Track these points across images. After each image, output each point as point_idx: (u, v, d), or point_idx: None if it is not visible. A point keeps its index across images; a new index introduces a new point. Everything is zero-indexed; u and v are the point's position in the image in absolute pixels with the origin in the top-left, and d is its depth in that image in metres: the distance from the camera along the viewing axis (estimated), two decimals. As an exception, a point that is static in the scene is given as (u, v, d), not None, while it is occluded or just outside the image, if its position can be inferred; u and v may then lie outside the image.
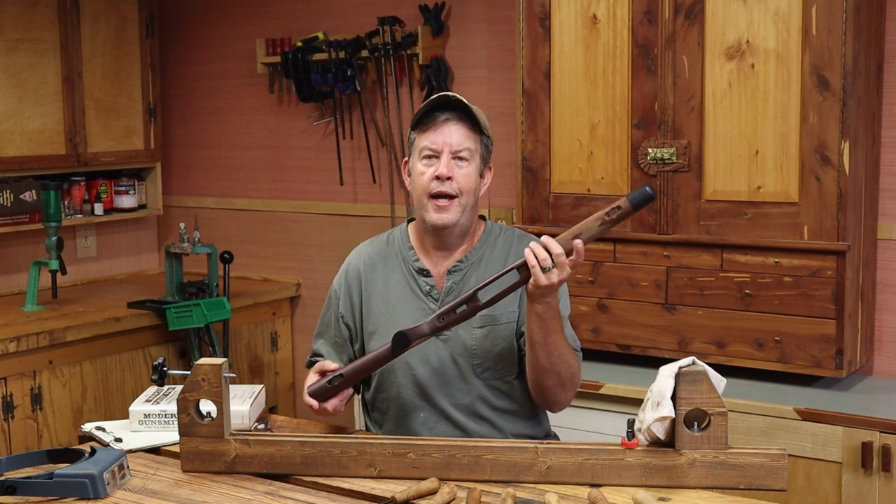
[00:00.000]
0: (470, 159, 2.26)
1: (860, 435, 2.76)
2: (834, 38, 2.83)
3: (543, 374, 2.21)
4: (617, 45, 3.16)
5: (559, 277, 2.05)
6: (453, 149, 2.24)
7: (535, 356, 2.19)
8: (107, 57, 4.32)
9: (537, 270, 2.04)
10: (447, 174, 2.22)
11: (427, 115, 2.26)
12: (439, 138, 2.24)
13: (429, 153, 2.25)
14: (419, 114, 2.28)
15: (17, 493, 1.94)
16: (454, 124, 2.25)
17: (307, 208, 4.46)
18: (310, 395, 2.22)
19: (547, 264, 2.04)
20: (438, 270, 2.34)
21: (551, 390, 2.24)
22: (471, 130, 2.27)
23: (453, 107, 2.26)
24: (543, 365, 2.19)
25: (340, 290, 2.41)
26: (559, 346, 2.18)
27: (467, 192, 2.26)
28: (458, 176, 2.24)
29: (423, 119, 2.27)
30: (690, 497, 1.93)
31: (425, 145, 2.26)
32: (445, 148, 2.24)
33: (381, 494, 1.96)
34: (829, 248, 2.89)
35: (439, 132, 2.24)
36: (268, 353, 4.39)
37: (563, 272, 2.05)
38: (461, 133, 2.25)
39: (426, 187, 2.25)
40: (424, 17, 3.94)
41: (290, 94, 4.38)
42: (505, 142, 3.74)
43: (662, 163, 3.10)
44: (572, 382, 2.25)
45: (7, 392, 3.44)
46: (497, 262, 2.32)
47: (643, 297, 3.19)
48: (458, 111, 2.26)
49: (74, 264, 4.44)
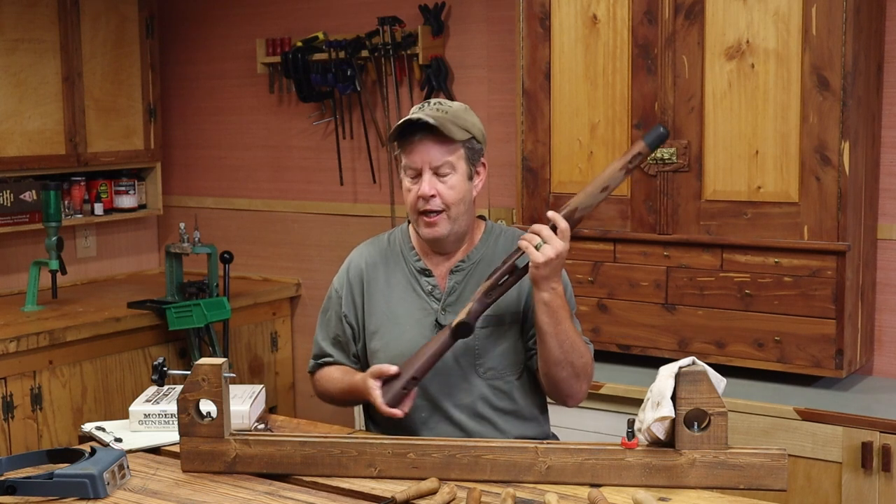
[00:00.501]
0: (452, 171, 2.25)
1: (860, 435, 2.76)
2: (834, 38, 2.83)
3: (557, 366, 2.20)
4: (617, 45, 3.16)
5: (554, 251, 2.09)
6: (433, 165, 2.24)
7: (546, 348, 2.19)
8: (107, 57, 4.32)
9: (531, 250, 2.10)
10: (430, 193, 2.23)
11: (402, 135, 2.26)
12: (417, 158, 2.24)
13: (412, 173, 2.26)
14: (393, 135, 2.27)
15: (17, 493, 1.94)
16: (429, 142, 2.23)
17: (307, 208, 4.46)
18: (389, 405, 2.18)
19: (536, 241, 2.09)
20: (440, 270, 2.34)
21: (565, 382, 2.23)
22: (447, 143, 2.24)
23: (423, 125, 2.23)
24: (556, 356, 2.19)
25: (342, 290, 2.41)
26: (570, 335, 2.18)
27: (455, 204, 2.26)
28: (442, 191, 2.24)
29: (399, 139, 2.27)
30: (690, 497, 1.93)
31: (406, 164, 2.26)
32: (425, 166, 2.24)
33: (381, 494, 1.96)
34: (829, 248, 2.89)
35: (416, 152, 2.24)
36: (268, 353, 4.39)
37: (556, 245, 2.10)
38: (437, 149, 2.23)
39: (413, 205, 2.27)
40: (424, 17, 3.94)
41: (290, 94, 4.38)
42: (505, 142, 3.74)
43: (662, 163, 3.10)
44: (586, 373, 2.25)
45: (7, 392, 3.44)
46: (498, 261, 2.32)
47: (643, 297, 3.19)
48: (429, 127, 2.23)
49: (74, 264, 4.44)
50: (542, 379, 2.27)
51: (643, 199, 3.16)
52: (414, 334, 2.30)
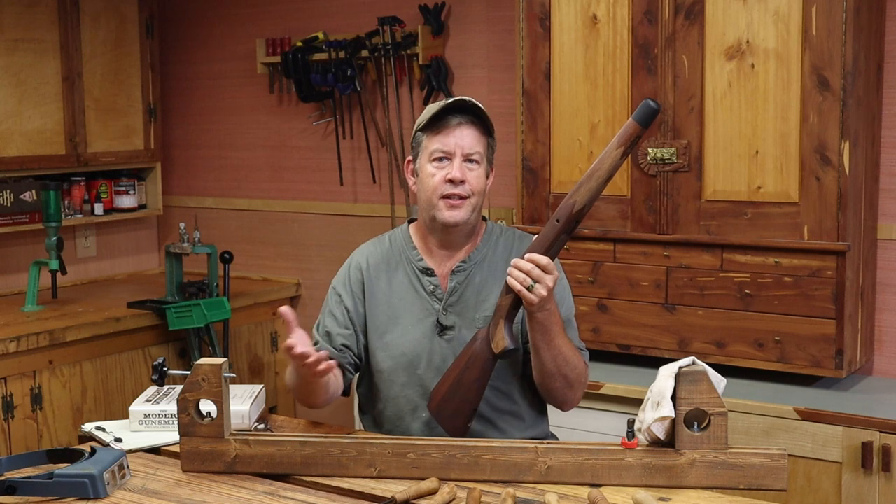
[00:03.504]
0: (480, 162, 2.28)
1: (860, 435, 2.76)
2: (834, 38, 2.83)
3: (550, 378, 2.23)
4: (617, 45, 3.16)
5: (546, 289, 2.08)
6: (465, 152, 2.25)
7: (540, 361, 2.21)
8: (107, 57, 4.32)
9: (524, 293, 2.08)
10: (461, 177, 2.24)
11: (438, 117, 2.26)
12: (451, 141, 2.25)
13: (440, 155, 2.26)
14: (430, 116, 2.27)
15: (17, 493, 1.94)
16: (466, 128, 2.26)
17: (307, 208, 4.46)
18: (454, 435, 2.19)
19: (528, 283, 2.07)
20: (442, 270, 2.34)
21: (559, 391, 2.26)
22: (481, 134, 2.28)
23: (463, 109, 2.27)
24: (549, 369, 2.21)
25: (347, 285, 2.39)
26: (563, 349, 2.20)
27: (478, 193, 2.28)
28: (469, 178, 2.26)
29: (433, 121, 2.27)
30: (690, 497, 1.93)
31: (437, 147, 2.26)
32: (458, 150, 2.25)
33: (381, 494, 1.96)
34: (829, 248, 2.89)
35: (451, 135, 2.25)
36: (268, 353, 4.40)
37: (548, 282, 2.07)
38: (473, 136, 2.26)
39: (437, 188, 2.26)
40: (424, 17, 3.94)
41: (290, 94, 4.38)
42: (505, 142, 3.73)
43: (662, 163, 3.10)
44: (580, 382, 2.27)
45: (7, 392, 3.44)
46: (500, 261, 2.32)
47: (643, 297, 3.19)
48: (469, 114, 2.27)
49: (74, 264, 4.44)
50: (537, 386, 2.29)
51: (643, 199, 3.16)
52: (416, 334, 2.30)
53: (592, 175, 2.07)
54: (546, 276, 2.08)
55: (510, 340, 2.13)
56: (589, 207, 2.09)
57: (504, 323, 2.14)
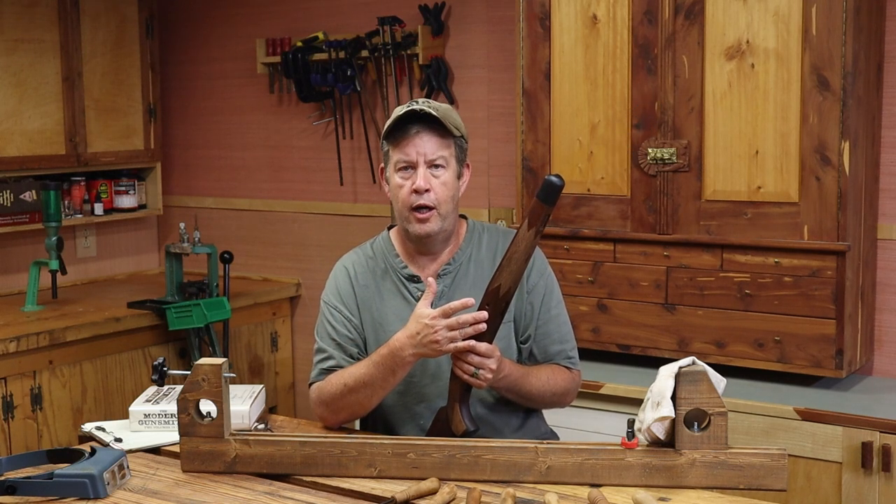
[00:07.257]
0: (446, 166, 2.26)
1: (860, 435, 2.76)
2: (834, 38, 2.83)
3: (537, 405, 2.37)
4: (617, 45, 3.16)
5: (490, 371, 2.13)
6: (428, 159, 2.24)
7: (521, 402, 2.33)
8: (107, 57, 4.32)
9: (471, 381, 2.15)
10: (425, 186, 2.23)
11: (397, 127, 2.25)
12: (412, 150, 2.24)
13: (404, 165, 2.25)
14: (389, 127, 2.27)
15: (17, 493, 1.94)
16: (425, 134, 2.24)
17: (307, 208, 4.46)
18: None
19: (471, 371, 2.13)
20: (427, 274, 2.33)
21: (549, 406, 2.41)
22: (442, 137, 2.25)
23: (420, 117, 2.24)
24: (534, 402, 2.35)
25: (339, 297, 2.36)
26: (538, 385, 2.29)
27: (445, 202, 2.26)
28: (435, 186, 2.24)
29: (393, 131, 2.26)
30: (690, 497, 1.93)
31: (399, 157, 2.25)
32: (420, 159, 2.24)
33: (381, 494, 1.96)
34: (829, 248, 2.89)
35: (412, 144, 2.24)
36: (268, 353, 4.40)
37: (490, 365, 2.13)
38: (433, 142, 2.24)
39: (406, 200, 2.25)
40: (424, 17, 3.94)
41: (290, 94, 4.38)
42: (505, 142, 3.74)
43: (662, 163, 3.10)
44: (564, 397, 2.37)
45: (7, 392, 3.44)
46: (485, 260, 2.32)
47: (643, 297, 3.19)
48: (427, 120, 2.24)
49: (74, 264, 4.44)
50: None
51: (643, 199, 3.16)
52: None
53: (511, 259, 2.10)
54: (487, 361, 2.13)
55: (469, 423, 2.17)
56: (514, 289, 2.12)
57: (459, 406, 2.18)
